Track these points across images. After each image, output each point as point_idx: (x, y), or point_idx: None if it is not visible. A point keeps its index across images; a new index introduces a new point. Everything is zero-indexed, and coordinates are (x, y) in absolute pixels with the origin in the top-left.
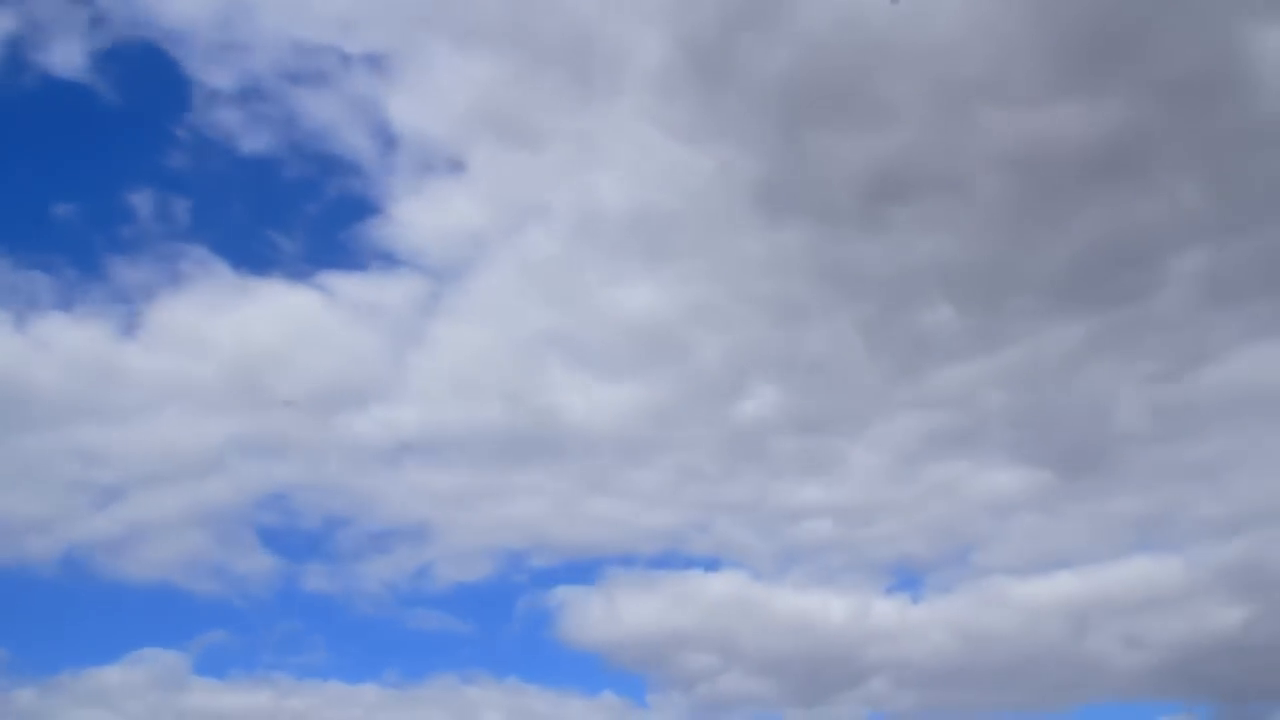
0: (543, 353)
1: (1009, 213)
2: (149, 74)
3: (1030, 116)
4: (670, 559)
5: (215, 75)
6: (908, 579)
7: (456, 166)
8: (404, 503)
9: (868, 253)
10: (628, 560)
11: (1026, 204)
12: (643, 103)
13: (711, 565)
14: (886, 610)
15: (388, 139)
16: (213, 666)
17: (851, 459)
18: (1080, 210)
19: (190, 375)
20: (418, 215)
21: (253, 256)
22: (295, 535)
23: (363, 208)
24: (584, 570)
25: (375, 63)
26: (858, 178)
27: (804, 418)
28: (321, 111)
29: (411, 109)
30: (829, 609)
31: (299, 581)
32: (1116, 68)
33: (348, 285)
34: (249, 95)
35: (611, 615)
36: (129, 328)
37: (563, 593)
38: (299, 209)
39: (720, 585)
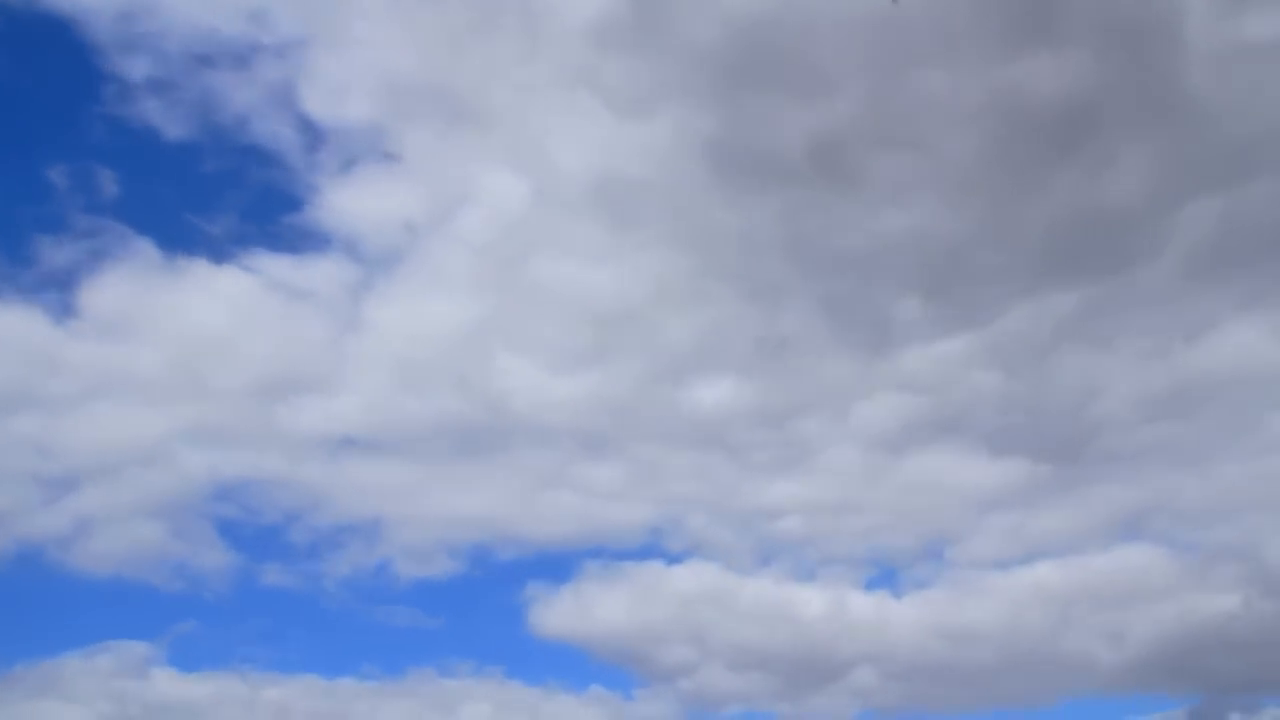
0: (491, 340)
1: (980, 180)
2: (55, 53)
3: (992, 74)
4: (646, 552)
5: (127, 58)
6: (887, 572)
7: (391, 149)
8: (354, 497)
9: (835, 223)
10: (598, 554)
11: (998, 171)
12: (587, 66)
13: (686, 560)
14: (867, 605)
15: (313, 123)
16: (178, 659)
17: (826, 449)
18: (1054, 175)
19: (128, 363)
20: (352, 201)
21: (179, 238)
22: (251, 528)
23: (295, 193)
24: (555, 564)
25: (295, 47)
26: (817, 143)
27: (776, 406)
28: (245, 97)
29: (339, 91)
30: (809, 604)
31: (259, 575)
32: (1068, 20)
33: (281, 269)
34: (162, 81)
35: (590, 610)
36: (62, 315)
37: (537, 587)
38: (224, 197)
39: (697, 580)
